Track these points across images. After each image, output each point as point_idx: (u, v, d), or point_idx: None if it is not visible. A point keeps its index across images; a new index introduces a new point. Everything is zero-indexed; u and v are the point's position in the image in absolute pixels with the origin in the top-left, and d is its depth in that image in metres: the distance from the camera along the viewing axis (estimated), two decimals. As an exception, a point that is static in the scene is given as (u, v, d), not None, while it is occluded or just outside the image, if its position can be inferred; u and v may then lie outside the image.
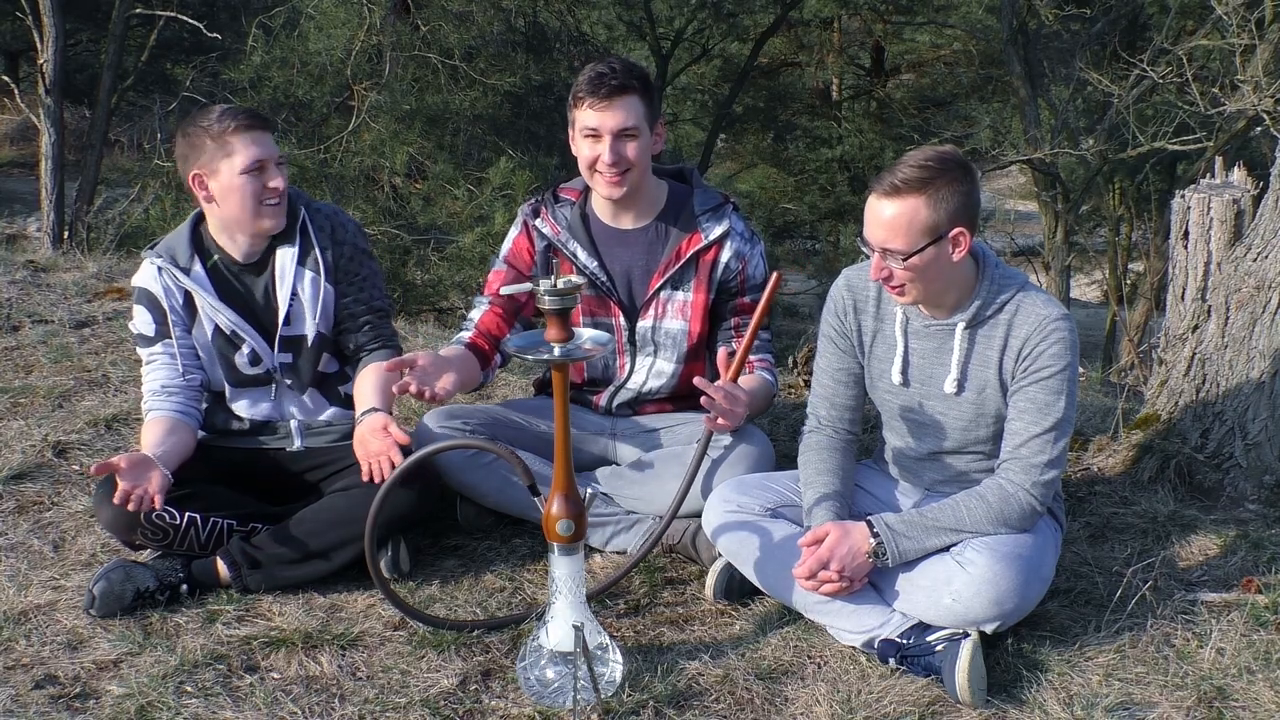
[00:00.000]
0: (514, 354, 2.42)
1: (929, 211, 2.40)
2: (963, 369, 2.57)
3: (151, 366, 2.94)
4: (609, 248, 3.07)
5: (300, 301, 2.93)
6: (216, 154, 2.79)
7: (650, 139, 2.95)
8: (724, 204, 3.07)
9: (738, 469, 2.86)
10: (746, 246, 3.04)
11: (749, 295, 3.05)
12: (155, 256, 2.91)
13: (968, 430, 2.62)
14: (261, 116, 2.85)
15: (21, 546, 2.99)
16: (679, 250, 3.01)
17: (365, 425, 2.78)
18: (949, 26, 16.72)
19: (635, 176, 2.94)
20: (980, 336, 2.56)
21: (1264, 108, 9.22)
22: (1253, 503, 3.23)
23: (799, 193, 17.01)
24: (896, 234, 2.41)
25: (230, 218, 2.86)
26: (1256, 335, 3.21)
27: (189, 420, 2.91)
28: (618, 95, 2.86)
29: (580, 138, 2.93)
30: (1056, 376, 2.49)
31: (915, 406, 2.66)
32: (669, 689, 2.36)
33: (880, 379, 2.70)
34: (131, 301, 2.97)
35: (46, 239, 8.86)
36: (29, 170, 15.16)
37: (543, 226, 3.09)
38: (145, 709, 2.30)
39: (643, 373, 3.10)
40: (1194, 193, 3.41)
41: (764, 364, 3.06)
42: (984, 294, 2.54)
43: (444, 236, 9.71)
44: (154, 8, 10.02)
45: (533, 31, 11.39)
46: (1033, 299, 2.54)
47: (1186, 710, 2.31)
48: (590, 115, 2.88)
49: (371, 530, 2.50)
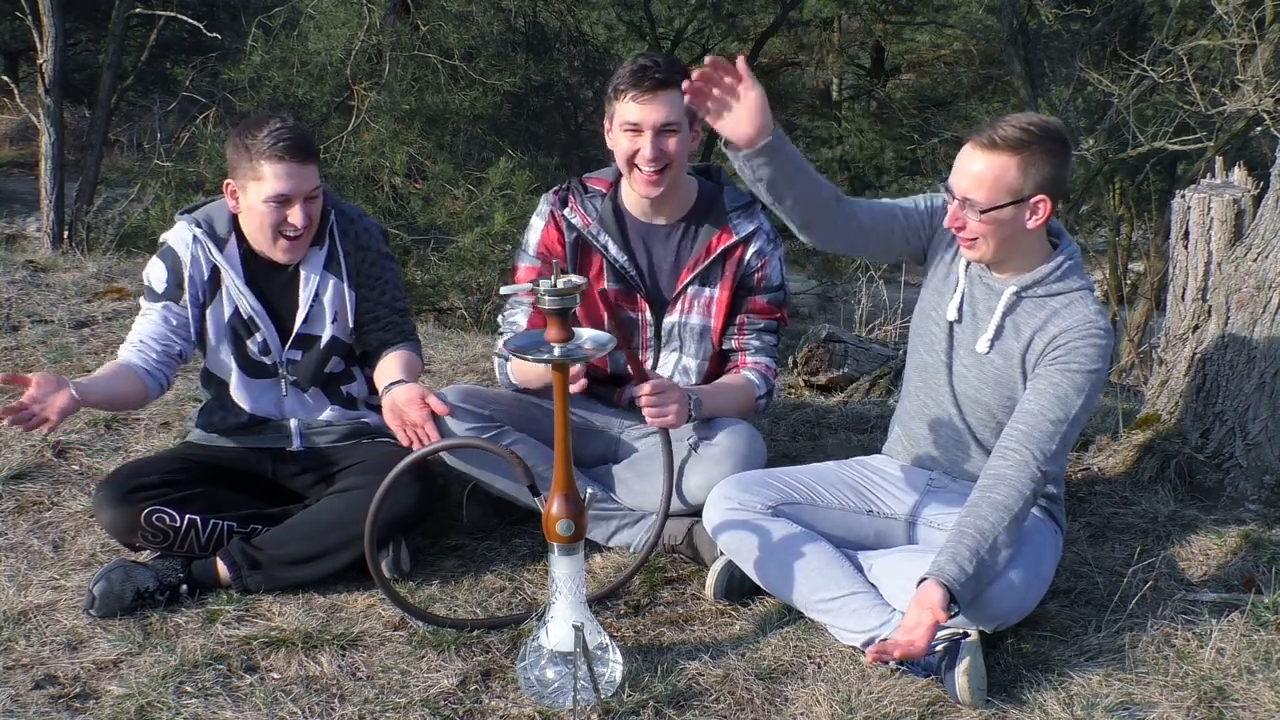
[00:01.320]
0: (514, 354, 2.42)
1: (1018, 173, 2.45)
2: (998, 330, 2.61)
3: (143, 319, 2.90)
4: (640, 242, 3.04)
5: (321, 304, 2.93)
6: (248, 173, 2.76)
7: (690, 135, 2.93)
8: (754, 202, 3.05)
9: (723, 465, 2.82)
10: (769, 247, 3.04)
11: (763, 295, 3.04)
12: (193, 222, 2.88)
13: (980, 393, 2.65)
14: (303, 147, 2.76)
15: (21, 546, 2.99)
16: (709, 246, 3.00)
17: (400, 395, 2.78)
18: (949, 26, 16.71)
19: (673, 174, 2.91)
20: (1023, 309, 2.59)
21: (1264, 108, 9.22)
22: (1253, 503, 3.23)
23: (799, 193, 16.99)
24: (981, 186, 2.46)
25: (252, 236, 2.87)
26: (1257, 335, 3.21)
27: (148, 379, 2.84)
28: (661, 89, 2.82)
29: (619, 131, 2.90)
30: (1083, 374, 2.51)
31: (951, 352, 2.69)
32: (669, 689, 2.36)
33: (934, 311, 2.73)
34: (156, 254, 2.93)
35: (46, 239, 8.86)
36: (29, 170, 15.15)
37: (572, 217, 3.03)
38: (145, 709, 2.30)
39: (668, 368, 3.07)
40: (1194, 193, 3.41)
41: (757, 366, 3.05)
42: (1047, 273, 2.58)
43: (444, 236, 9.72)
44: (154, 8, 10.03)
45: (533, 31, 11.39)
46: (1088, 302, 2.57)
47: (1186, 710, 2.31)
48: (632, 109, 2.85)
49: (372, 526, 2.50)
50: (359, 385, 3.07)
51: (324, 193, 2.92)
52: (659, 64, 2.86)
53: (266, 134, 2.73)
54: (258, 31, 10.17)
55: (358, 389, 3.06)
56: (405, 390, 2.80)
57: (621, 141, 2.90)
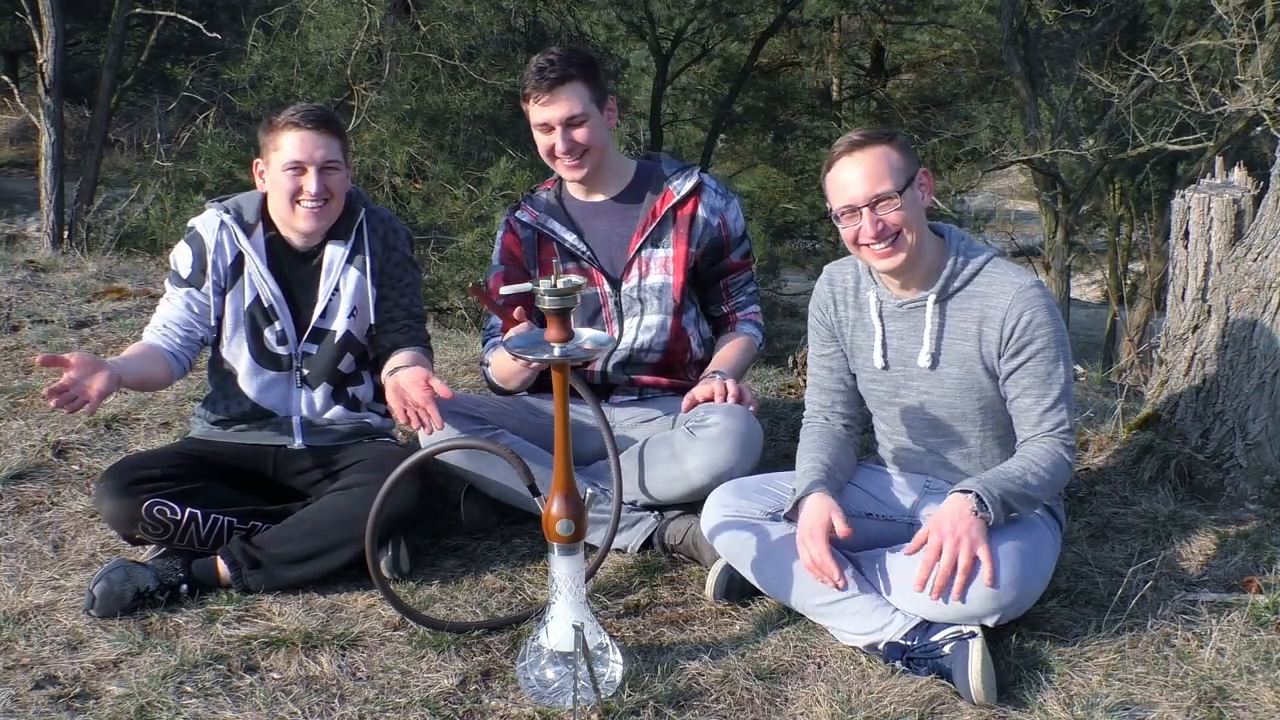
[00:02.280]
0: (514, 354, 2.42)
1: (898, 155, 2.51)
2: (936, 342, 2.61)
3: (167, 304, 2.98)
4: (587, 220, 3.19)
5: (340, 296, 2.98)
6: (268, 145, 2.90)
7: (602, 118, 3.07)
8: (691, 166, 3.21)
9: (721, 445, 2.83)
10: (721, 201, 3.19)
11: (735, 253, 3.20)
12: (222, 209, 2.97)
13: (953, 406, 2.64)
14: (323, 119, 2.88)
15: (21, 546, 2.99)
16: (654, 210, 3.14)
17: (404, 376, 2.83)
18: (949, 26, 16.70)
19: (594, 156, 3.08)
20: (952, 309, 2.59)
21: (1264, 108, 9.22)
22: (1253, 503, 3.23)
23: (799, 193, 16.99)
24: (883, 177, 2.49)
25: (274, 209, 2.95)
26: (1256, 335, 3.21)
27: (169, 360, 2.91)
28: (559, 86, 2.99)
29: (535, 134, 3.08)
30: (1050, 345, 2.52)
31: (898, 388, 2.70)
32: (669, 689, 2.36)
33: (865, 367, 2.73)
34: (184, 238, 3.00)
35: (46, 239, 8.86)
36: (29, 170, 15.15)
37: (523, 217, 3.21)
38: (145, 709, 2.30)
39: (632, 331, 3.16)
40: (1194, 193, 3.41)
41: (749, 316, 3.23)
42: (951, 265, 2.58)
43: (444, 236, 9.72)
44: (154, 7, 10.03)
45: (533, 31, 11.38)
46: (1003, 269, 2.58)
47: (1186, 710, 2.31)
48: (538, 111, 3.03)
49: (373, 528, 2.50)
50: (366, 389, 3.08)
51: (357, 193, 3.03)
52: (554, 61, 3.00)
53: (291, 109, 2.89)
54: (258, 31, 10.17)
55: (364, 392, 3.07)
56: (409, 372, 2.84)
57: (539, 140, 3.09)
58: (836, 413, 2.80)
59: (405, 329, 3.05)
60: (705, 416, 2.92)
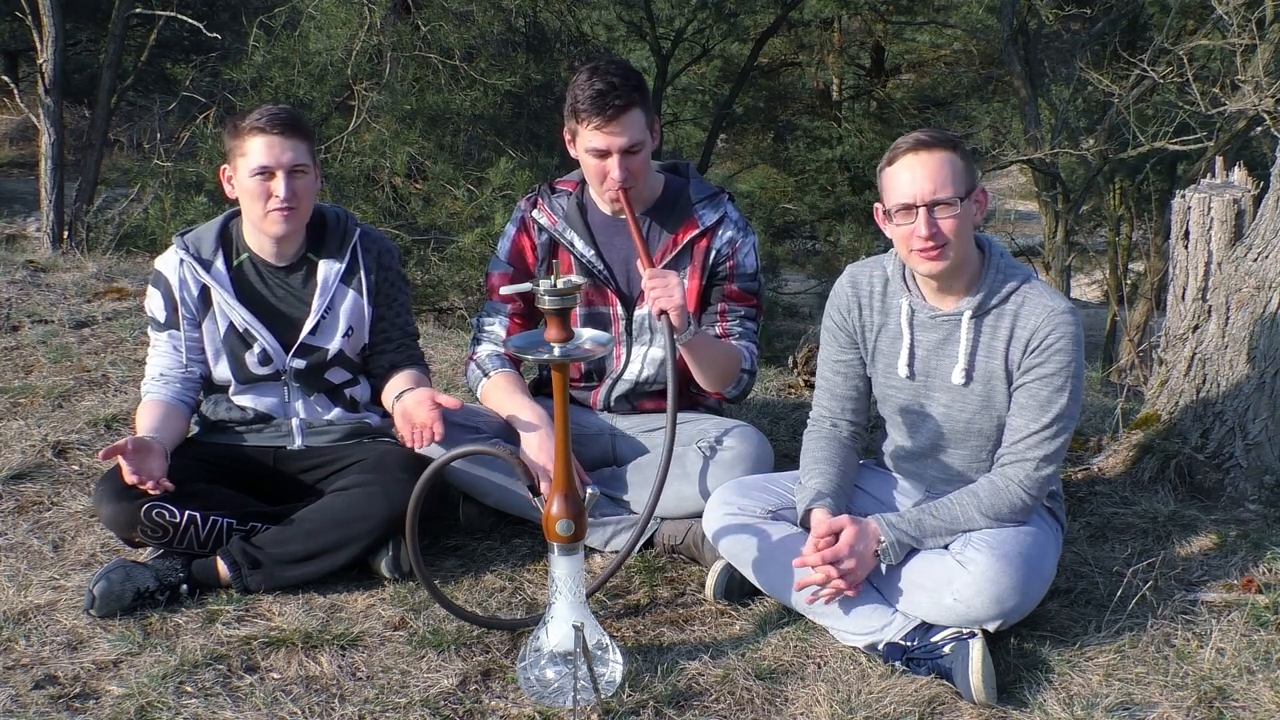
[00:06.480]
0: (514, 354, 2.42)
1: (963, 164, 2.47)
2: (970, 359, 2.57)
3: (156, 351, 3.00)
4: (606, 237, 3.06)
5: (335, 315, 2.97)
6: (235, 151, 2.86)
7: (651, 141, 2.95)
8: (719, 193, 3.08)
9: (735, 470, 2.85)
10: (739, 235, 3.05)
11: (738, 283, 3.05)
12: (181, 246, 2.95)
13: (972, 423, 2.62)
14: (289, 122, 2.83)
15: (21, 546, 2.99)
16: (675, 238, 3.02)
17: (411, 399, 2.85)
18: (949, 26, 16.71)
19: (640, 181, 2.95)
20: (986, 326, 2.56)
21: (1264, 108, 9.22)
22: (1253, 503, 3.23)
23: (799, 193, 17.01)
24: (948, 181, 2.44)
25: (246, 216, 2.93)
26: (1257, 335, 3.21)
27: (183, 408, 2.97)
28: (624, 114, 2.83)
29: (584, 153, 2.91)
30: (1060, 373, 2.49)
31: (921, 400, 2.66)
32: (669, 689, 2.36)
33: (887, 373, 2.70)
34: (150, 283, 3.00)
35: (46, 239, 8.84)
36: (29, 170, 15.14)
37: (540, 218, 3.08)
38: (145, 709, 2.29)
39: (638, 362, 3.09)
40: (1194, 193, 3.41)
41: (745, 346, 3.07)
42: (989, 282, 2.55)
43: (444, 237, 9.71)
44: (154, 7, 10.02)
45: (533, 31, 11.38)
46: (1039, 291, 2.55)
47: (1186, 710, 2.31)
48: (598, 137, 2.84)
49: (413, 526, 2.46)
50: (363, 389, 3.08)
51: (346, 213, 3.01)
52: (616, 86, 2.82)
53: (256, 114, 2.84)
54: (258, 31, 10.16)
55: (360, 392, 3.08)
56: (414, 394, 2.86)
57: (588, 162, 2.91)
58: (845, 419, 2.77)
59: (402, 348, 3.07)
60: (720, 438, 2.91)
